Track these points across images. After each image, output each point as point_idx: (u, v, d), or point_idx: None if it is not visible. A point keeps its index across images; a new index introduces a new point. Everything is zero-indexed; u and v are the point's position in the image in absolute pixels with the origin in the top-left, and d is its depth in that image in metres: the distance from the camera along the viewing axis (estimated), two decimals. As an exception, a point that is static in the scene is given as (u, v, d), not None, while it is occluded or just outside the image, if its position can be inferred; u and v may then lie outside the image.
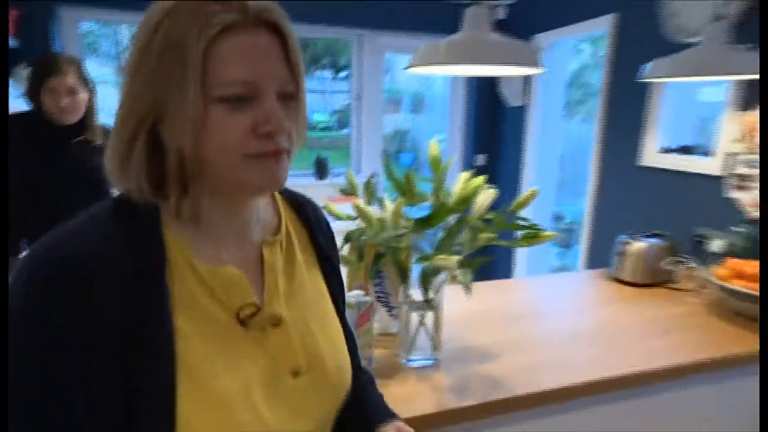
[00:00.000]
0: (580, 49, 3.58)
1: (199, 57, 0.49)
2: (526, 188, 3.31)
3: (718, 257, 1.69)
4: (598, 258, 2.55)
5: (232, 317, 0.57)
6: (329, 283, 0.71)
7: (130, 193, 0.55)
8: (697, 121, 2.23)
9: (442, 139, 3.82)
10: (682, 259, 1.82)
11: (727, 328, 1.49)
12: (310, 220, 0.71)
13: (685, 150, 2.13)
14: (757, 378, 1.45)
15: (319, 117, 4.68)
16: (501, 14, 3.44)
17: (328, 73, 4.58)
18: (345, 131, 3.99)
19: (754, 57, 1.35)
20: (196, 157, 0.53)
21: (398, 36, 3.41)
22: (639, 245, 1.82)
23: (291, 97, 0.56)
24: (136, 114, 0.53)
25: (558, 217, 4.23)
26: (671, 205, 2.16)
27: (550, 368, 1.24)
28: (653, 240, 1.83)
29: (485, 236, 1.05)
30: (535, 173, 3.35)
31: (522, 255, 3.47)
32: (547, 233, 1.02)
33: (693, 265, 1.79)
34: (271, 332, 0.60)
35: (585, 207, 2.77)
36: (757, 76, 1.37)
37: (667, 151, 2.20)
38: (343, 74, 4.37)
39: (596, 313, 1.66)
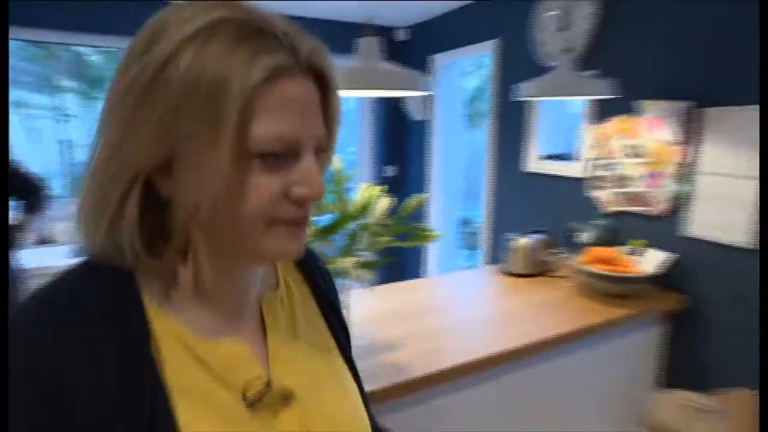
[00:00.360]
0: (482, 65, 3.94)
1: (240, 104, 0.41)
2: (432, 196, 3.57)
3: (584, 247, 2.00)
4: (496, 255, 2.83)
5: (235, 397, 0.48)
6: (336, 334, 0.63)
7: (108, 257, 0.46)
8: (567, 131, 2.59)
9: (353, 151, 3.98)
10: (558, 251, 2.12)
11: (593, 304, 1.78)
12: (308, 265, 0.64)
13: (558, 157, 2.48)
14: (621, 341, 1.78)
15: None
16: (402, 36, 3.71)
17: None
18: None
19: (596, 82, 1.67)
20: (209, 216, 0.44)
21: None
22: (524, 241, 2.09)
23: (323, 150, 0.49)
24: (134, 162, 0.43)
25: (465, 222, 4.56)
26: (549, 205, 2.49)
27: (452, 351, 1.42)
28: (535, 236, 2.12)
29: (384, 239, 1.19)
30: (440, 181, 3.63)
31: (432, 258, 3.71)
32: (432, 234, 1.19)
33: (566, 254, 2.10)
34: (282, 412, 0.51)
35: (483, 210, 3.07)
36: (601, 97, 1.69)
37: (545, 158, 2.53)
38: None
39: (492, 302, 1.89)
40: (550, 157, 2.52)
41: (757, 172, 1.58)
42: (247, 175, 0.43)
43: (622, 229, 2.08)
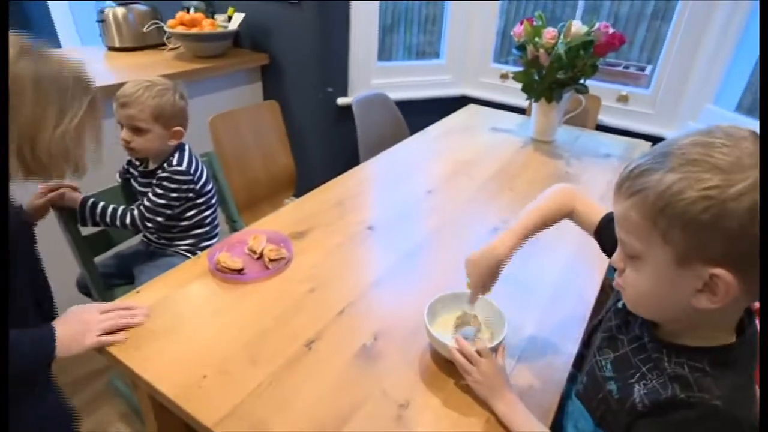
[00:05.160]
0: None
1: None
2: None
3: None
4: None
5: None
6: None
7: None
8: None
9: None
10: (159, 23, 2.20)
11: (189, 64, 2.01)
12: None
13: None
14: (229, 92, 2.10)
15: None
16: None
17: None
18: None
19: None
20: None
21: None
22: (120, 12, 2.08)
23: None
24: None
25: None
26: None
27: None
28: (134, 6, 2.12)
29: None
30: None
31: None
32: None
33: (162, 24, 2.20)
34: None
35: None
36: None
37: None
38: None
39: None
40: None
41: None
42: None
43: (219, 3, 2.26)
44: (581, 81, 1.68)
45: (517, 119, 2.08)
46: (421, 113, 2.19)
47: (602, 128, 2.09)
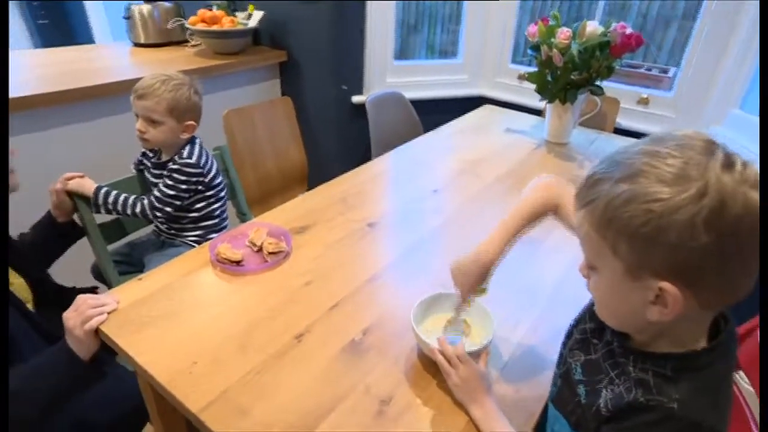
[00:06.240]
0: None
1: None
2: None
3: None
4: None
5: None
6: None
7: None
8: None
9: None
10: (181, 20, 2.26)
11: (209, 60, 2.06)
12: None
13: None
14: (249, 89, 2.15)
15: None
16: None
17: None
18: None
19: None
20: None
21: None
22: (145, 9, 2.14)
23: None
24: None
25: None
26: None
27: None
28: (158, 3, 2.18)
29: None
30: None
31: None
32: None
33: (183, 21, 2.25)
34: None
35: None
36: None
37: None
38: None
39: (114, 70, 1.99)
40: None
41: None
42: None
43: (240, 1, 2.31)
44: (597, 82, 1.64)
45: (532, 120, 2.06)
46: (437, 113, 2.18)
47: (621, 132, 2.04)
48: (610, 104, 2.01)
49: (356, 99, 2.22)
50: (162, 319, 0.87)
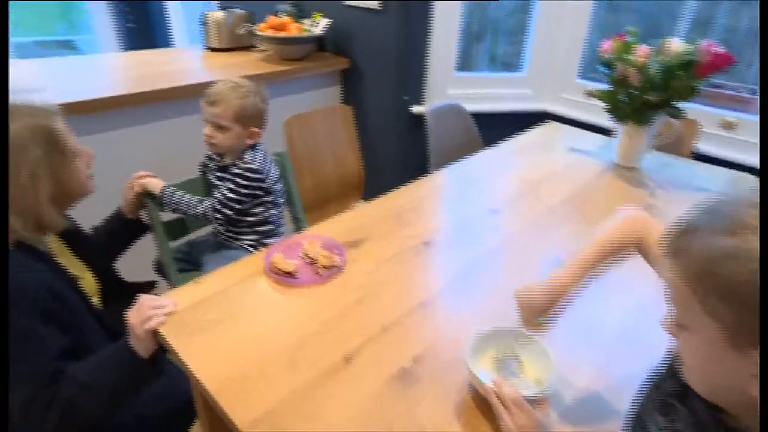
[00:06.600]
0: None
1: None
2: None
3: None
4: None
5: None
6: None
7: None
8: None
9: None
10: (252, 25, 2.33)
11: (273, 66, 2.12)
12: None
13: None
14: (309, 94, 2.20)
15: None
16: None
17: None
18: None
19: None
20: None
21: None
22: (219, 15, 2.23)
23: None
24: None
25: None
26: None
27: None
28: (230, 10, 2.27)
29: None
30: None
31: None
32: None
33: (253, 27, 2.32)
34: None
35: None
36: None
37: None
38: None
39: (187, 72, 2.09)
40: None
41: None
42: None
43: (307, 4, 2.36)
44: (676, 104, 1.53)
45: (599, 140, 1.95)
46: (498, 127, 2.12)
47: (700, 158, 1.88)
48: (688, 127, 1.87)
49: (416, 109, 2.20)
50: (215, 324, 0.89)
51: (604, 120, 2.04)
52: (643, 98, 1.51)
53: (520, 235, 1.27)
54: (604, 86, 1.64)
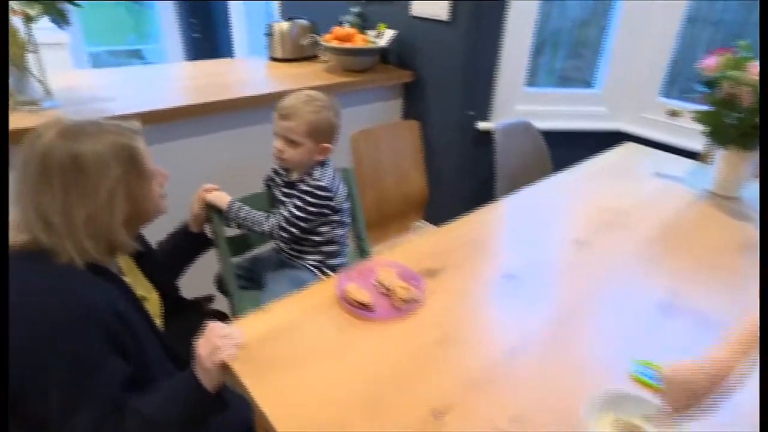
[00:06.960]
0: None
1: None
2: None
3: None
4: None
5: None
6: None
7: None
8: None
9: None
10: (315, 36, 2.31)
11: (336, 77, 2.08)
12: None
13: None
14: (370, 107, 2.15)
15: None
16: None
17: None
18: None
19: None
20: None
21: None
22: (284, 26, 2.22)
23: None
24: None
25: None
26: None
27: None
28: (295, 21, 2.25)
29: None
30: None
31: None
32: None
33: (317, 38, 2.30)
34: None
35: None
36: None
37: None
38: None
39: (247, 83, 2.08)
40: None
41: None
42: None
43: (372, 15, 2.31)
44: (792, 130, 1.35)
45: (688, 165, 1.77)
46: (568, 146, 1.98)
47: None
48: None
49: (482, 125, 2.10)
50: (286, 362, 0.81)
51: (689, 142, 1.87)
52: (753, 121, 1.35)
53: (617, 273, 1.13)
54: (692, 106, 1.47)
